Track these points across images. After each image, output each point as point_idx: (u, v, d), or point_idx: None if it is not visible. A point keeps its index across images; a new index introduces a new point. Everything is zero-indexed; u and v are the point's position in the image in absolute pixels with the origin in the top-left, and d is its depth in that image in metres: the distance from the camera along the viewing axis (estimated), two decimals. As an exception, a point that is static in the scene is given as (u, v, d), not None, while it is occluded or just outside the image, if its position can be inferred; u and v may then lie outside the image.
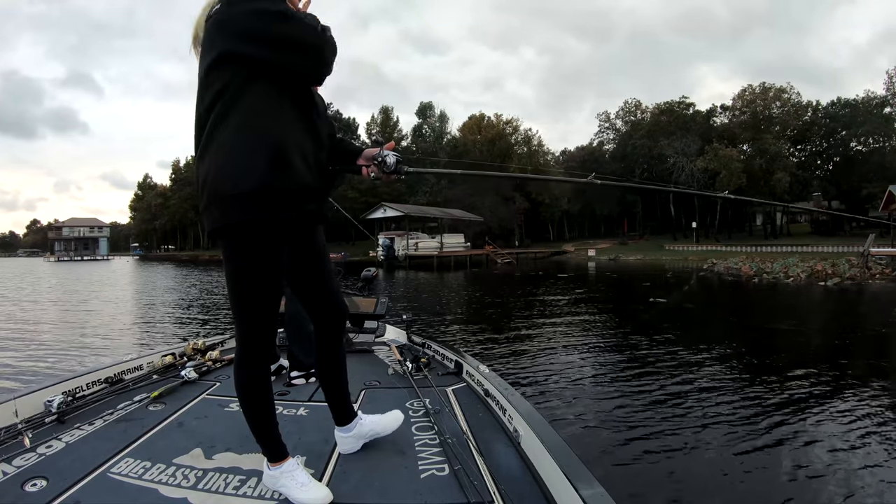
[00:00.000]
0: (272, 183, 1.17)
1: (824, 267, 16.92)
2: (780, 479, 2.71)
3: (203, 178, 1.20)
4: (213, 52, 1.19)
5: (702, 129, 44.85)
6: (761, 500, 2.54)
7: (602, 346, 6.35)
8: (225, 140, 1.18)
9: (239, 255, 1.23)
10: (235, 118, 1.18)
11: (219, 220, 1.20)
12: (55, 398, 1.79)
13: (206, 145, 1.20)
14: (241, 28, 1.17)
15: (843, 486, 2.59)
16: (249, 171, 1.16)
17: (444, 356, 2.62)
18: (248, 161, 1.16)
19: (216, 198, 1.18)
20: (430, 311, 9.62)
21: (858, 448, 3.05)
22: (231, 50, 1.17)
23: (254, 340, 1.30)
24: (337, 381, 1.52)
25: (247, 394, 1.32)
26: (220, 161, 1.18)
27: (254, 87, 1.19)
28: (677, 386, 4.40)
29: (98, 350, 6.26)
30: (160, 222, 72.16)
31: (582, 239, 53.13)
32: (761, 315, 9.29)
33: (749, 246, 35.70)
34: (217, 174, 1.18)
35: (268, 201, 1.18)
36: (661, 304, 10.74)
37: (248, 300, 1.26)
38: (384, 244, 30.70)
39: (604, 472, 2.66)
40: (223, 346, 2.89)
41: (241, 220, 1.18)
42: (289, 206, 1.22)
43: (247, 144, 1.17)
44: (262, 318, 1.28)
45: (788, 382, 4.44)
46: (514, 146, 51.93)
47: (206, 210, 1.21)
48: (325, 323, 1.48)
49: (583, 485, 1.14)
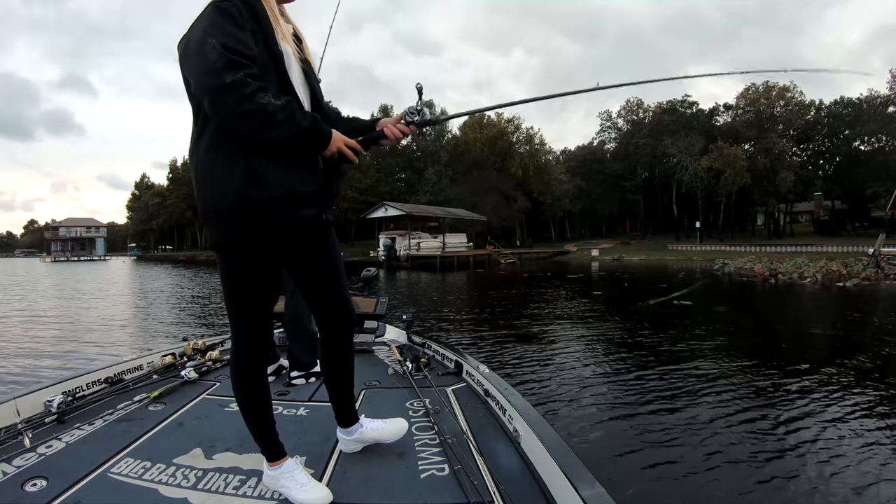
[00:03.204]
0: (250, 196, 1.15)
1: (838, 268, 16.79)
2: (797, 486, 2.64)
3: (195, 194, 1.24)
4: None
5: (705, 128, 44.75)
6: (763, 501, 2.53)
7: (619, 348, 6.15)
8: (200, 162, 1.20)
9: (229, 268, 1.26)
10: (207, 137, 1.18)
11: (212, 238, 1.24)
12: (55, 398, 1.80)
13: (192, 166, 1.24)
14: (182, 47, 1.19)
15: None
16: (225, 190, 1.16)
17: (444, 356, 2.61)
18: (223, 179, 1.17)
19: (205, 217, 1.22)
20: (446, 318, 9.11)
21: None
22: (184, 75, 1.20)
23: (248, 341, 1.33)
24: (342, 385, 1.52)
25: (243, 392, 1.33)
26: (199, 183, 1.21)
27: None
28: (693, 389, 4.26)
29: (98, 350, 6.27)
30: (157, 222, 72.17)
31: (583, 239, 53.06)
32: (795, 318, 8.97)
33: (753, 246, 35.55)
34: (199, 195, 1.22)
35: (252, 215, 1.17)
36: (685, 305, 10.35)
37: (240, 307, 1.30)
38: (385, 244, 30.39)
39: (604, 473, 2.65)
40: (223, 346, 2.89)
41: (229, 237, 1.20)
42: (278, 215, 1.20)
43: (219, 162, 1.17)
44: (254, 321, 1.32)
45: (835, 393, 4.10)
46: (515, 145, 51.77)
47: (203, 227, 1.26)
48: (333, 327, 1.47)
49: (583, 485, 1.14)
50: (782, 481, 2.68)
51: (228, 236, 1.20)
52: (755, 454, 3.00)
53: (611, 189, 50.22)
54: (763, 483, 2.67)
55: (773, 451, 3.04)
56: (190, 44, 1.15)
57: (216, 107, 1.10)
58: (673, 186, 44.73)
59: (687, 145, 42.13)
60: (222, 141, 1.15)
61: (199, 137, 1.20)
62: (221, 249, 1.24)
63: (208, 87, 1.08)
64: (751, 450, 3.05)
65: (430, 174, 47.11)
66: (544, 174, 49.53)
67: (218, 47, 1.08)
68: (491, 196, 42.85)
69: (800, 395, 4.07)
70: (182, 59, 1.18)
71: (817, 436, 3.25)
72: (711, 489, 2.63)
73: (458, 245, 34.20)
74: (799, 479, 2.70)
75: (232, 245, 1.22)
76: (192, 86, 1.16)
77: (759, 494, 2.57)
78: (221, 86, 1.06)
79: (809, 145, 43.98)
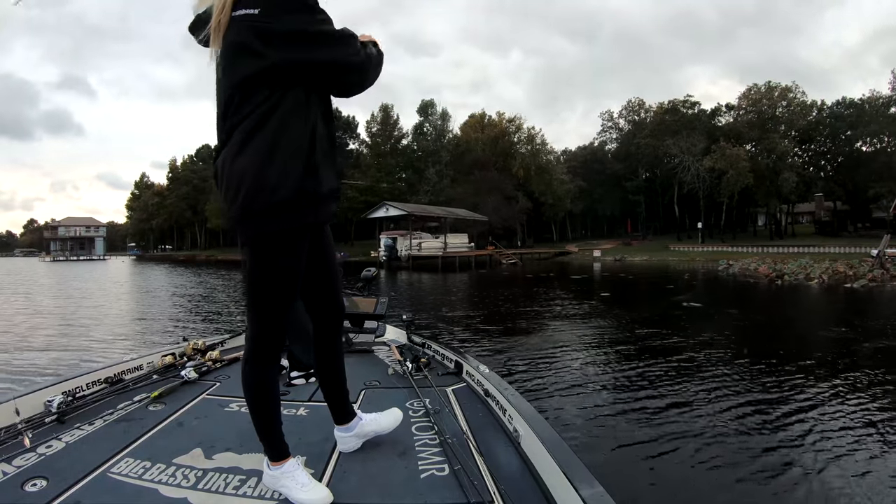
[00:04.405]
0: (307, 188, 1.21)
1: (844, 269, 16.68)
2: (799, 489, 2.62)
3: (236, 186, 1.19)
4: (254, 60, 1.18)
5: (707, 128, 44.68)
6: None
7: (625, 349, 6.12)
8: (260, 148, 1.17)
9: (270, 260, 1.25)
10: (272, 124, 1.19)
11: (257, 228, 1.21)
12: (55, 398, 1.80)
13: (240, 151, 1.19)
14: (289, 40, 1.18)
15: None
16: (286, 180, 1.18)
17: (444, 356, 2.61)
18: (284, 169, 1.18)
19: (253, 206, 1.18)
20: (455, 320, 8.89)
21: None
22: (276, 62, 1.17)
23: (267, 338, 1.33)
24: (335, 380, 1.53)
25: (254, 391, 1.34)
26: (255, 170, 1.17)
27: (290, 93, 1.20)
28: (698, 392, 4.23)
29: (98, 350, 6.28)
30: (157, 222, 72.21)
31: (584, 239, 53.05)
32: (810, 321, 8.92)
33: (755, 246, 35.53)
34: (254, 183, 1.17)
35: (303, 207, 1.23)
36: (695, 308, 10.25)
37: (270, 301, 1.30)
38: (386, 244, 30.26)
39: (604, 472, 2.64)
40: (223, 346, 2.89)
41: (279, 228, 1.22)
42: (319, 209, 1.27)
43: (283, 152, 1.19)
44: (278, 317, 1.33)
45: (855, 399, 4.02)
46: (517, 145, 51.72)
47: (242, 218, 1.21)
48: (324, 320, 1.50)
49: (583, 485, 1.14)
50: (785, 483, 2.68)
51: (278, 228, 1.21)
52: (760, 457, 2.98)
53: (612, 189, 50.20)
54: (764, 484, 2.66)
55: (780, 456, 3.01)
56: (301, 29, 1.18)
57: (365, 67, 1.28)
58: (674, 187, 44.68)
59: (689, 145, 42.06)
60: (291, 128, 1.20)
61: (266, 122, 1.18)
62: (263, 242, 1.23)
63: (353, 54, 1.24)
64: (755, 453, 3.03)
65: (430, 174, 47.07)
66: (545, 174, 49.44)
67: (330, 23, 1.23)
68: (492, 196, 42.83)
69: (818, 402, 3.96)
70: (294, 43, 1.18)
71: (839, 445, 3.14)
72: (712, 490, 2.63)
73: (460, 245, 34.11)
74: (800, 482, 2.69)
75: (275, 238, 1.23)
76: (308, 68, 1.21)
77: (761, 495, 2.57)
78: (363, 52, 1.27)
79: (811, 146, 43.86)
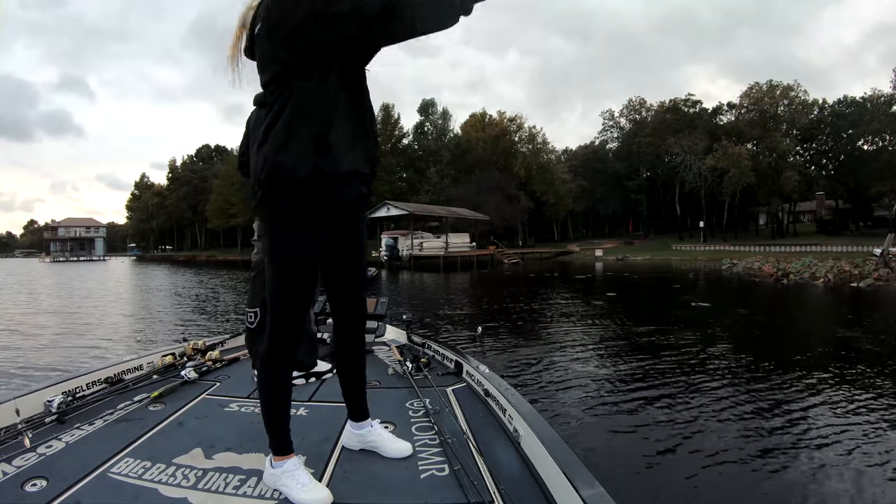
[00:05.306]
0: (325, 168, 1.22)
1: (849, 268, 16.58)
2: (800, 491, 2.59)
3: (259, 170, 1.24)
4: (264, 45, 1.25)
5: (708, 127, 44.61)
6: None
7: (628, 350, 6.05)
8: (281, 128, 1.21)
9: (291, 237, 1.27)
10: (293, 104, 1.21)
11: (278, 206, 1.24)
12: (55, 398, 1.80)
13: (263, 140, 1.24)
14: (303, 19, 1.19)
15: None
16: (304, 158, 1.20)
17: (444, 356, 2.61)
18: (302, 148, 1.20)
19: (272, 186, 1.23)
20: (456, 322, 8.72)
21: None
22: (298, 36, 1.19)
23: (285, 335, 1.33)
24: (355, 376, 1.53)
25: (270, 392, 1.35)
26: (274, 153, 1.21)
27: (314, 73, 1.22)
28: (702, 392, 4.18)
29: (98, 350, 6.28)
30: (157, 222, 72.28)
31: (586, 239, 52.94)
32: (820, 321, 8.78)
33: (757, 246, 35.47)
34: (273, 162, 1.21)
35: (322, 185, 1.23)
36: (703, 307, 10.07)
37: (291, 283, 1.30)
38: (388, 244, 30.03)
39: (604, 472, 2.63)
40: (223, 346, 2.89)
41: (297, 205, 1.23)
42: (340, 188, 1.28)
43: (302, 132, 1.21)
44: (300, 307, 1.33)
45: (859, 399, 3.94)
46: (518, 144, 51.66)
47: (264, 199, 1.25)
48: (349, 315, 1.49)
49: (583, 485, 1.13)
50: (788, 483, 2.66)
51: (296, 205, 1.23)
52: (761, 457, 2.96)
53: (613, 189, 50.10)
54: (766, 484, 2.65)
55: (782, 457, 2.98)
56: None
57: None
58: (676, 186, 44.61)
59: (690, 144, 41.99)
60: (312, 109, 1.21)
61: (287, 103, 1.21)
62: (282, 220, 1.25)
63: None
64: (756, 453, 3.01)
65: (431, 173, 46.99)
66: (547, 174, 49.37)
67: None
68: (493, 195, 42.74)
69: (830, 405, 3.86)
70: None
71: (848, 448, 3.07)
72: (713, 490, 2.62)
73: (461, 245, 33.94)
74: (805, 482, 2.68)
75: (294, 215, 1.24)
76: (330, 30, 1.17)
77: (762, 495, 2.56)
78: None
79: (813, 144, 43.78)
